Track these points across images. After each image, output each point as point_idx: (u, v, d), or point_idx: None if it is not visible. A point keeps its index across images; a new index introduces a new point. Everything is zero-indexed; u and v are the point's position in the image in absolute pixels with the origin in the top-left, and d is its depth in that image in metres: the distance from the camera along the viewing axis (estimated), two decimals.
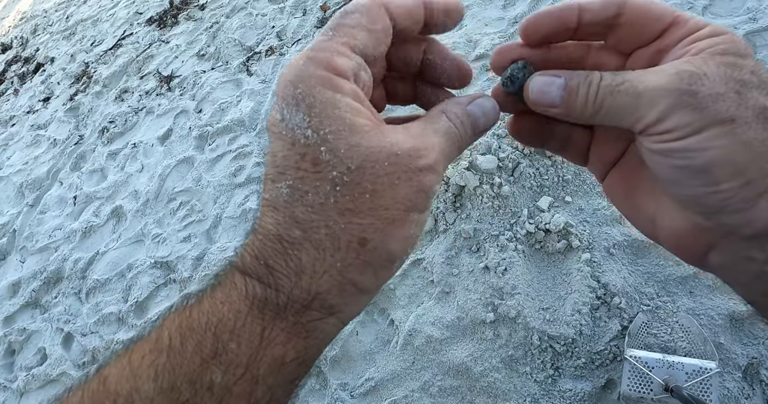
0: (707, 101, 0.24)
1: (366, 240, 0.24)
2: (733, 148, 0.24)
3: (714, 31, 0.27)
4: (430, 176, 0.26)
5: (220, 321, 0.24)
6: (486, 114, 0.30)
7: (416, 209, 0.26)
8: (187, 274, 1.77)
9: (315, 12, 2.54)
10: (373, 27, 0.26)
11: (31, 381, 1.77)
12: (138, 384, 0.24)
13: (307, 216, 0.24)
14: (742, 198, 0.25)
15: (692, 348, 1.11)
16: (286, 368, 0.25)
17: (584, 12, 0.28)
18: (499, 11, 1.99)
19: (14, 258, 2.30)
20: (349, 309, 0.27)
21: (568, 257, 1.31)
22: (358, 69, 0.26)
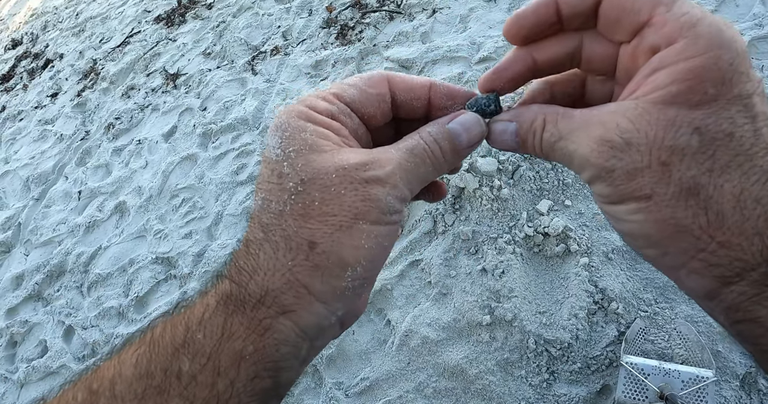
0: (622, 179, 0.24)
1: (315, 244, 0.26)
2: (646, 224, 0.24)
3: (683, 51, 0.23)
4: (378, 188, 0.27)
5: (192, 314, 0.27)
6: (468, 129, 0.31)
7: (365, 218, 0.26)
8: (187, 270, 1.78)
9: (321, 12, 2.56)
10: (368, 89, 0.30)
11: (32, 372, 1.79)
12: (122, 369, 0.26)
13: (269, 221, 0.27)
14: (662, 264, 0.26)
15: (689, 355, 1.11)
16: (245, 363, 0.26)
17: (562, 5, 0.28)
18: (504, 14, 1.98)
19: (18, 251, 2.33)
20: (304, 314, 0.27)
21: (566, 261, 1.30)
22: (338, 112, 0.29)
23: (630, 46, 0.27)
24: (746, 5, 1.63)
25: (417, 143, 0.29)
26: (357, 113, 0.31)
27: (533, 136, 0.29)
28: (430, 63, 1.95)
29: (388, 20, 2.28)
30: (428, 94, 0.32)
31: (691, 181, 0.23)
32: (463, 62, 1.88)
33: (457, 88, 0.32)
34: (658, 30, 0.25)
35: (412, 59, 1.99)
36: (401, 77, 0.31)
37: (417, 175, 0.29)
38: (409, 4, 2.27)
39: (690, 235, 0.24)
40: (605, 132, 0.25)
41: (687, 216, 0.23)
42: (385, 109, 0.31)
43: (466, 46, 1.91)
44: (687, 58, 0.23)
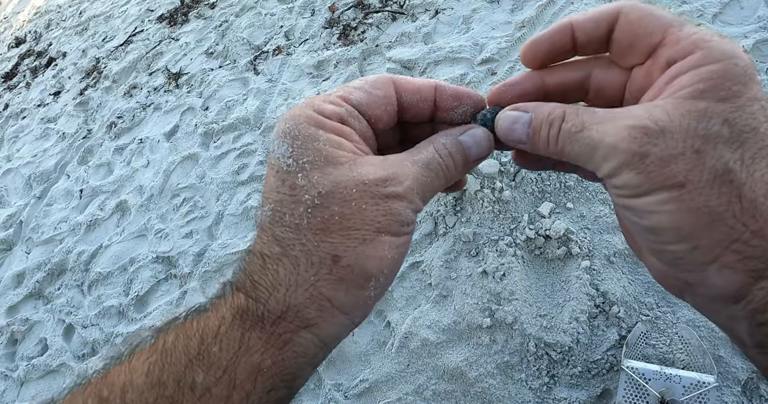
0: (656, 165, 0.24)
1: (339, 258, 0.26)
2: (679, 214, 0.24)
3: (702, 59, 0.24)
4: (398, 203, 0.27)
5: (207, 326, 0.27)
6: (478, 143, 0.31)
7: (387, 231, 0.27)
8: (187, 270, 1.78)
9: (323, 12, 2.55)
10: (373, 91, 0.30)
11: (32, 370, 1.79)
12: (132, 377, 0.26)
13: (285, 234, 0.27)
14: (690, 260, 0.25)
15: (691, 360, 1.10)
16: (262, 376, 0.26)
17: (577, 32, 0.28)
18: (507, 15, 1.98)
19: (20, 249, 2.33)
20: (326, 326, 0.27)
21: (567, 264, 1.30)
22: (346, 114, 0.29)
23: (644, 67, 0.28)
24: (751, 8, 1.62)
25: (433, 157, 0.30)
26: (364, 116, 0.30)
27: (549, 127, 0.28)
28: (433, 64, 1.94)
29: (391, 21, 2.28)
30: (434, 96, 0.32)
31: (724, 167, 0.23)
32: (465, 63, 1.88)
33: (463, 89, 0.32)
34: (672, 46, 0.26)
35: (415, 60, 1.99)
36: (406, 79, 0.31)
37: (431, 188, 0.30)
38: (412, 5, 2.26)
39: (724, 224, 0.23)
40: (638, 120, 0.24)
41: (721, 203, 0.23)
42: (391, 111, 0.31)
43: (469, 47, 1.91)
44: (707, 63, 0.24)
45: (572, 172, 0.36)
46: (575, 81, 0.31)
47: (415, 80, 0.32)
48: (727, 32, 1.59)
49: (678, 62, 0.25)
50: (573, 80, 0.31)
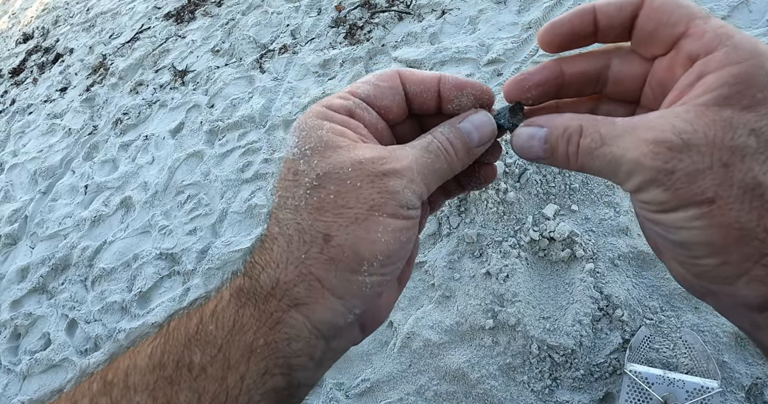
0: (683, 181, 0.23)
1: (330, 236, 0.26)
2: (709, 231, 0.23)
3: (726, 58, 0.23)
4: (396, 180, 0.27)
5: (206, 306, 0.28)
6: (479, 128, 0.31)
7: (382, 210, 0.26)
8: (191, 267, 1.79)
9: (330, 11, 2.55)
10: (380, 83, 0.31)
11: (35, 365, 1.80)
12: (137, 360, 0.26)
13: (285, 216, 0.27)
14: (718, 274, 0.24)
15: (694, 365, 1.09)
16: (255, 357, 0.26)
17: (600, 15, 0.28)
18: (513, 16, 1.97)
19: (24, 244, 2.34)
20: (317, 309, 0.26)
21: (571, 266, 1.29)
22: (354, 107, 0.30)
23: (666, 59, 0.27)
24: (759, 11, 1.61)
25: (431, 141, 0.30)
26: (373, 107, 0.31)
27: (567, 143, 0.27)
28: (439, 64, 1.94)
29: (397, 20, 2.28)
30: (438, 87, 0.32)
31: (754, 181, 0.22)
32: (471, 64, 1.88)
33: (465, 80, 0.32)
34: (696, 40, 0.25)
35: (421, 60, 1.98)
36: (411, 71, 0.32)
37: (433, 170, 0.29)
38: (419, 5, 2.26)
39: (755, 239, 0.23)
40: (660, 134, 0.24)
41: (752, 219, 0.22)
42: (400, 101, 0.32)
43: (475, 47, 1.90)
44: (732, 63, 0.23)
45: None
46: (594, 71, 0.30)
47: (420, 72, 0.32)
48: (737, 37, 1.58)
49: (701, 59, 0.24)
50: (592, 70, 0.30)
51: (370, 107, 0.31)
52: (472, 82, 0.32)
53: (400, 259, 0.28)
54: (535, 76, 0.31)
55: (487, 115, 0.31)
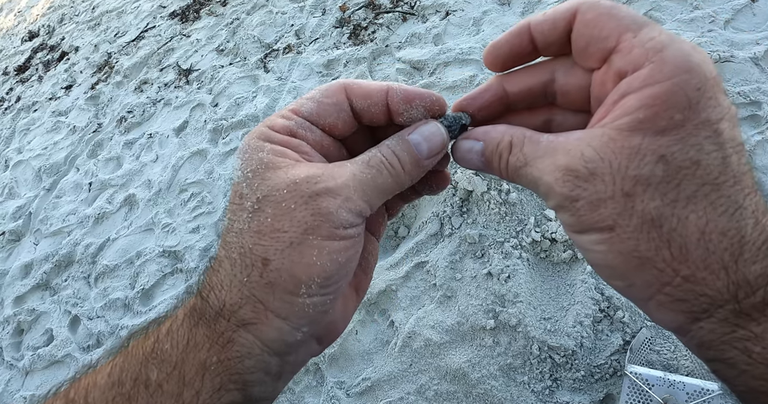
0: (585, 209, 0.24)
1: (268, 261, 0.26)
2: (610, 255, 0.24)
3: (649, 77, 0.23)
4: (330, 200, 0.26)
5: (161, 325, 0.29)
6: (428, 139, 0.30)
7: (316, 233, 0.26)
8: (193, 264, 1.80)
9: (334, 12, 2.56)
10: (324, 100, 0.30)
11: (37, 360, 1.81)
12: (96, 378, 0.28)
13: (231, 239, 0.28)
14: (630, 296, 0.25)
15: (695, 367, 1.09)
16: (209, 373, 0.27)
17: (535, 33, 0.28)
18: (518, 18, 1.98)
19: (28, 240, 2.36)
20: (265, 329, 0.27)
21: (572, 268, 1.30)
22: (296, 127, 0.30)
23: (600, 72, 0.27)
24: (763, 15, 1.62)
25: (374, 155, 0.29)
26: (317, 125, 0.30)
27: (499, 159, 0.29)
28: (442, 65, 1.95)
29: (401, 21, 2.28)
30: (386, 100, 0.31)
31: (654, 212, 0.23)
32: (475, 65, 1.88)
33: (414, 91, 0.31)
34: (624, 56, 0.24)
35: (424, 61, 1.99)
36: (358, 84, 0.31)
37: (374, 186, 0.28)
38: (423, 6, 2.27)
39: (653, 268, 0.23)
40: (570, 160, 0.25)
41: (650, 248, 0.23)
42: (345, 117, 0.31)
43: (479, 48, 1.91)
44: (653, 83, 0.23)
45: None
46: (537, 86, 0.30)
47: (367, 84, 0.31)
48: (739, 39, 1.58)
49: (627, 77, 0.24)
50: (535, 86, 0.30)
51: (313, 125, 0.30)
52: (421, 93, 0.31)
53: (342, 278, 0.28)
54: (476, 100, 0.32)
55: (437, 126, 0.30)
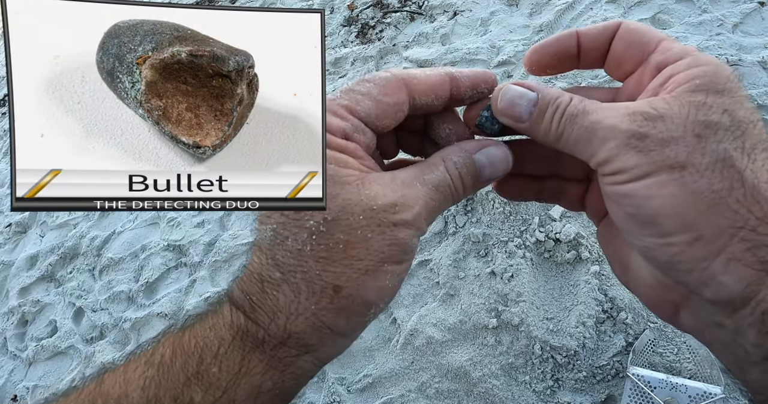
0: (656, 144, 0.23)
1: (340, 288, 0.25)
2: (680, 198, 0.23)
3: (694, 62, 0.25)
4: (406, 231, 0.26)
5: (206, 345, 0.26)
6: (493, 164, 0.29)
7: (391, 261, 0.26)
8: (198, 259, 1.81)
9: (342, 10, 2.57)
10: (383, 98, 0.28)
11: (41, 351, 1.82)
12: (128, 390, 0.26)
13: (286, 260, 0.26)
14: (693, 256, 0.23)
15: (698, 370, 1.09)
16: (262, 397, 0.26)
17: (583, 36, 0.30)
18: (525, 19, 1.98)
19: (34, 232, 2.37)
20: (326, 350, 0.27)
21: (576, 268, 1.30)
22: (351, 130, 0.27)
23: (635, 75, 0.29)
24: None
25: (443, 178, 0.28)
26: (371, 127, 0.29)
27: (555, 109, 0.27)
28: (449, 64, 1.95)
29: (409, 21, 2.29)
30: (449, 91, 0.30)
31: (725, 153, 0.23)
32: (482, 65, 1.88)
33: (476, 76, 0.30)
34: (665, 52, 0.27)
35: (431, 60, 1.99)
36: (418, 78, 0.29)
37: (438, 211, 0.28)
38: (431, 6, 2.27)
39: (728, 209, 0.22)
40: (637, 106, 0.25)
41: (723, 187, 0.22)
42: (401, 117, 0.29)
43: (486, 49, 1.91)
44: (699, 65, 0.25)
45: (553, 202, 0.35)
46: None
47: (427, 78, 0.29)
48: (748, 43, 1.58)
49: (670, 65, 0.26)
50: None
51: (367, 128, 0.28)
52: (484, 77, 0.30)
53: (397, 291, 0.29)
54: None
55: (505, 152, 0.29)
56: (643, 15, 1.80)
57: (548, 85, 0.33)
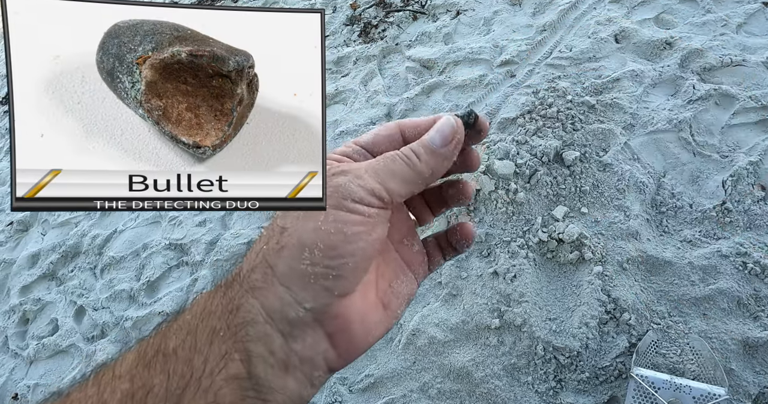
0: None
1: (284, 229, 0.30)
2: None
3: None
4: (340, 177, 0.30)
5: (191, 302, 0.31)
6: (439, 129, 0.33)
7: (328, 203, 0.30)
8: (199, 258, 1.81)
9: (345, 9, 2.57)
10: (380, 132, 0.36)
11: (42, 350, 1.82)
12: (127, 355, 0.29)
13: (266, 225, 0.32)
14: None
15: (702, 371, 1.09)
16: (217, 339, 0.28)
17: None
18: (528, 18, 1.97)
19: (36, 231, 2.38)
20: (268, 295, 0.29)
21: (579, 269, 1.29)
22: (351, 152, 0.35)
23: None
24: None
25: (391, 152, 0.33)
26: (371, 152, 0.35)
27: None
28: (452, 64, 1.94)
29: (412, 20, 2.28)
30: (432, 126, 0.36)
31: None
32: (484, 64, 1.88)
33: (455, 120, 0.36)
34: None
35: (434, 59, 1.99)
36: (410, 119, 0.36)
37: (388, 170, 0.31)
38: (434, 5, 2.27)
39: None
40: None
41: None
42: (396, 145, 0.35)
43: (489, 48, 1.91)
44: None
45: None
46: None
47: (417, 118, 0.36)
48: (752, 43, 1.57)
49: None
50: None
51: (368, 153, 0.35)
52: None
53: (348, 255, 0.29)
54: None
55: (448, 117, 0.33)
56: (647, 15, 1.79)
57: None
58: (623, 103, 1.53)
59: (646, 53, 1.68)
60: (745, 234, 1.24)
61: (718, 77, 1.53)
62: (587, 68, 1.68)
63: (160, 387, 0.27)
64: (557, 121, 1.52)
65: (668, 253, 1.25)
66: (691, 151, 1.42)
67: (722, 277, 1.17)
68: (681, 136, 1.43)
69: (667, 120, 1.46)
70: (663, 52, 1.65)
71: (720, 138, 1.42)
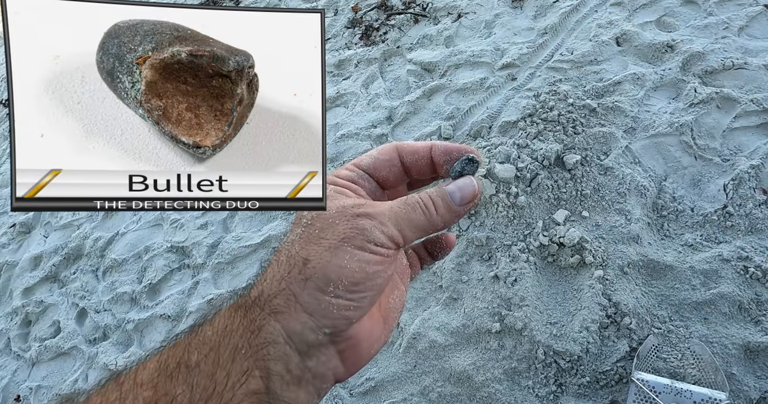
0: None
1: (308, 261, 0.31)
2: None
3: None
4: (366, 220, 0.32)
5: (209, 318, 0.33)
6: (461, 188, 0.35)
7: (351, 242, 0.31)
8: (201, 261, 1.81)
9: (346, 12, 2.58)
10: (380, 156, 0.38)
11: (44, 351, 1.83)
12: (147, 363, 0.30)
13: (283, 248, 0.33)
14: None
15: (702, 376, 1.08)
16: (239, 357, 0.30)
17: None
18: (529, 21, 1.98)
19: (38, 233, 2.38)
20: (291, 320, 0.31)
21: (580, 273, 1.29)
22: (356, 177, 0.37)
23: None
24: None
25: (412, 197, 0.35)
26: (373, 176, 0.37)
27: None
28: (453, 67, 1.95)
29: (413, 23, 2.29)
30: (430, 154, 0.37)
31: None
32: (486, 68, 1.88)
33: (452, 145, 0.37)
34: None
35: (435, 62, 1.99)
36: (408, 143, 0.38)
37: (407, 219, 0.33)
38: (435, 8, 2.28)
39: None
40: None
41: None
42: (396, 171, 0.37)
43: (490, 51, 1.91)
44: None
45: None
46: None
47: (415, 143, 0.38)
48: (753, 46, 1.57)
49: None
50: None
51: (371, 177, 0.37)
52: (458, 147, 0.37)
53: (368, 290, 0.31)
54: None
55: (471, 179, 0.35)
56: (649, 18, 1.80)
57: None
58: (624, 107, 1.53)
59: (647, 56, 1.68)
60: (747, 238, 1.23)
61: (720, 80, 1.53)
62: (588, 71, 1.68)
63: (183, 398, 0.28)
64: (558, 124, 1.52)
65: (669, 257, 1.24)
66: (693, 154, 1.41)
67: (723, 281, 1.17)
68: (682, 140, 1.43)
69: (669, 123, 1.46)
70: (664, 55, 1.65)
71: (721, 141, 1.42)
